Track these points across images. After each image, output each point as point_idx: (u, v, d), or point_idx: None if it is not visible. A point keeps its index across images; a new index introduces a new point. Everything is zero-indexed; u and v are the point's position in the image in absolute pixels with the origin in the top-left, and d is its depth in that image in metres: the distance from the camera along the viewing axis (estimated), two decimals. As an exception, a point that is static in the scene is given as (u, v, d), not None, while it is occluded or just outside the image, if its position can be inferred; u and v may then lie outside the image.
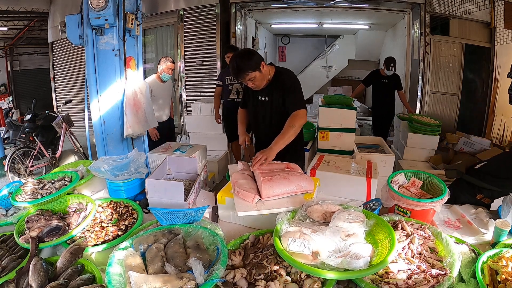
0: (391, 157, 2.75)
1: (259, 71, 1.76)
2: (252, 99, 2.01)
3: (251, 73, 1.75)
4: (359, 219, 1.08)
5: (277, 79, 1.88)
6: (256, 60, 1.75)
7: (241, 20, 5.59)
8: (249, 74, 1.75)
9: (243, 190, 1.34)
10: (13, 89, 9.24)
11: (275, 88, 1.88)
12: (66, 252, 1.13)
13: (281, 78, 1.88)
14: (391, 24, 6.65)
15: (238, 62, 1.74)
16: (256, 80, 1.79)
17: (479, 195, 1.65)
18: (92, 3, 2.40)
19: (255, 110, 2.03)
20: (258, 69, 1.76)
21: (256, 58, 1.76)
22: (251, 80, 1.79)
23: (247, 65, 1.73)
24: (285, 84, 1.86)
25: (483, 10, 4.43)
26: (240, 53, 1.82)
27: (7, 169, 3.80)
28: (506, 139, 4.45)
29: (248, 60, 1.74)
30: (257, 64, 1.75)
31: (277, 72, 1.90)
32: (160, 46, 5.99)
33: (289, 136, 1.73)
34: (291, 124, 1.75)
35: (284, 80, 1.87)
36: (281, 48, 9.16)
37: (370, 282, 0.95)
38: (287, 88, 1.85)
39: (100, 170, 1.59)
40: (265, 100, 1.94)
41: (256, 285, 0.97)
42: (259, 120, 2.03)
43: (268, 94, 1.91)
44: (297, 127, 1.78)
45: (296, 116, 1.79)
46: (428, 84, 4.88)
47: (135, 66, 2.81)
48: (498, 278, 0.97)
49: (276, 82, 1.88)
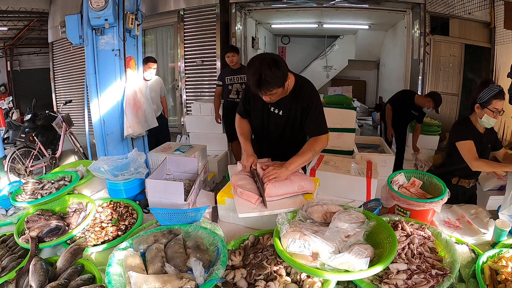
0: (391, 157, 2.75)
1: (283, 87, 1.48)
2: (262, 109, 1.72)
3: (276, 89, 1.45)
4: (359, 220, 1.08)
5: (295, 93, 1.61)
6: (285, 72, 1.44)
7: (241, 20, 5.59)
8: (273, 90, 1.44)
9: (246, 191, 1.34)
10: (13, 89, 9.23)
11: (294, 102, 1.62)
12: (66, 252, 1.13)
13: (302, 92, 1.60)
14: (391, 24, 6.66)
15: (267, 74, 1.38)
16: (275, 95, 1.51)
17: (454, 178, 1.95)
18: (92, 3, 2.40)
19: (263, 122, 1.76)
20: (283, 85, 1.47)
21: (284, 70, 1.44)
22: (271, 95, 1.48)
23: (276, 80, 1.41)
24: (305, 100, 1.60)
25: (483, 10, 4.43)
26: (268, 62, 1.39)
27: (7, 169, 3.80)
28: (506, 139, 4.45)
29: (277, 73, 1.40)
30: (285, 78, 1.46)
31: (297, 83, 1.62)
32: (160, 46, 5.99)
33: (307, 160, 1.54)
34: (311, 148, 1.55)
35: (304, 96, 1.60)
36: (281, 48, 9.16)
37: (370, 283, 0.95)
38: (307, 106, 1.60)
39: (100, 170, 1.59)
40: (279, 113, 1.68)
41: (256, 285, 0.97)
42: (268, 131, 1.78)
43: (284, 108, 1.65)
44: (317, 152, 1.59)
45: (318, 141, 1.59)
46: (428, 84, 4.88)
47: (135, 66, 2.82)
48: (498, 278, 0.97)
49: (294, 96, 1.61)
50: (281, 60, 1.44)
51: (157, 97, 3.82)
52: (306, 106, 1.61)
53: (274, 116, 1.70)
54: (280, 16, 6.52)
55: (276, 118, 1.70)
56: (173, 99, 6.04)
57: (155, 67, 3.69)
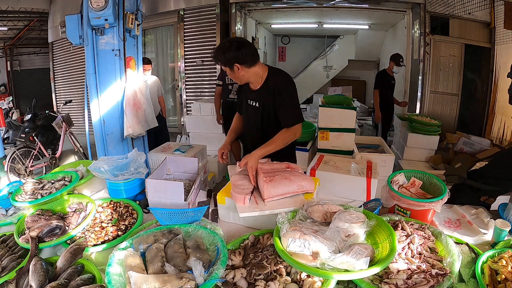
0: (391, 157, 2.75)
1: (230, 69, 1.60)
2: (245, 104, 1.81)
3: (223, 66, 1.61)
4: (359, 220, 1.08)
5: (267, 83, 1.66)
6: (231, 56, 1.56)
7: (241, 20, 5.59)
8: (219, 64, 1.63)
9: (234, 193, 1.34)
10: (13, 89, 9.23)
11: (267, 93, 1.66)
12: (66, 252, 1.13)
13: (273, 82, 1.65)
14: (391, 24, 6.66)
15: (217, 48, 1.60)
16: (229, 74, 1.64)
17: (483, 197, 1.67)
18: (92, 3, 2.40)
19: (247, 116, 1.85)
20: (230, 67, 1.59)
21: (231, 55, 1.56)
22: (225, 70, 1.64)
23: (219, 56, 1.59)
24: (277, 89, 1.63)
25: (483, 10, 4.43)
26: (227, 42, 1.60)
27: (7, 169, 3.80)
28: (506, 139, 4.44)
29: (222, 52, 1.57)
30: (229, 61, 1.58)
31: (270, 74, 1.68)
32: (160, 46, 6.00)
33: (276, 147, 1.59)
34: (281, 138, 1.61)
35: (276, 85, 1.64)
36: (281, 48, 9.16)
37: (370, 282, 0.95)
38: (278, 94, 1.63)
39: (100, 170, 1.59)
40: (256, 105, 1.73)
41: (256, 285, 0.97)
42: (250, 125, 1.84)
43: (258, 99, 1.71)
44: (288, 142, 1.64)
45: (289, 132, 1.62)
46: (428, 84, 4.88)
47: (135, 66, 2.82)
48: (498, 278, 0.97)
49: (267, 86, 1.66)
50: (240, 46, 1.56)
51: (154, 97, 3.82)
52: (278, 94, 1.63)
53: (252, 108, 1.76)
54: (280, 16, 6.52)
55: (254, 110, 1.75)
56: (173, 99, 6.04)
57: (150, 68, 3.70)
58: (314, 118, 4.45)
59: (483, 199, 1.68)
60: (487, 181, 1.67)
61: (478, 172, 1.82)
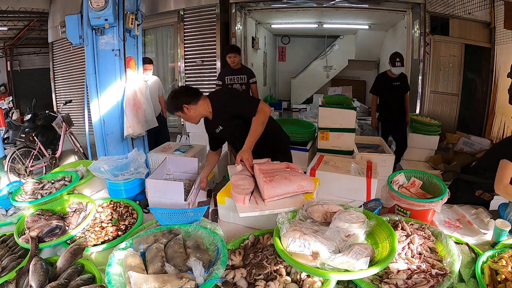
0: (391, 157, 2.75)
1: (182, 112, 1.80)
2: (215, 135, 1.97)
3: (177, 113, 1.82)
4: (359, 220, 1.08)
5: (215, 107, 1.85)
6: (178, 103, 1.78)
7: (241, 20, 5.59)
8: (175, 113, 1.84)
9: (234, 193, 1.34)
10: (13, 89, 9.23)
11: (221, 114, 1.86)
12: (66, 252, 1.13)
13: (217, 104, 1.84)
14: (391, 24, 6.65)
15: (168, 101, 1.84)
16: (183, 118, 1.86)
17: (478, 191, 1.72)
18: (92, 3, 2.40)
19: (225, 139, 2.06)
20: (180, 110, 1.79)
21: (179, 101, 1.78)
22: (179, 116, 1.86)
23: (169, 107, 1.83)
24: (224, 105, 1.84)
25: (483, 10, 4.43)
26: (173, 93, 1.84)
27: (7, 169, 3.80)
28: (506, 139, 4.43)
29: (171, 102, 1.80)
30: (176, 107, 1.79)
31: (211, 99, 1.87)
32: (160, 46, 5.99)
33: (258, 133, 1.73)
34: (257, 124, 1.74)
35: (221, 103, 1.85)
36: (281, 48, 9.16)
37: (370, 282, 0.95)
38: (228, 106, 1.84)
39: (100, 170, 1.59)
40: (224, 129, 1.91)
41: (256, 285, 0.97)
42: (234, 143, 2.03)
43: (221, 123, 1.89)
44: (264, 121, 1.77)
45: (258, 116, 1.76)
46: (428, 84, 4.88)
47: (135, 66, 2.82)
48: (498, 278, 0.97)
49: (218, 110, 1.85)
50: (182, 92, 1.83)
51: (155, 97, 3.81)
52: (228, 106, 1.84)
53: (223, 132, 1.92)
54: (280, 16, 6.51)
55: (225, 132, 1.93)
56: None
57: (151, 68, 3.67)
58: (314, 118, 4.45)
59: (479, 193, 1.73)
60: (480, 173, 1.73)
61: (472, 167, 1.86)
